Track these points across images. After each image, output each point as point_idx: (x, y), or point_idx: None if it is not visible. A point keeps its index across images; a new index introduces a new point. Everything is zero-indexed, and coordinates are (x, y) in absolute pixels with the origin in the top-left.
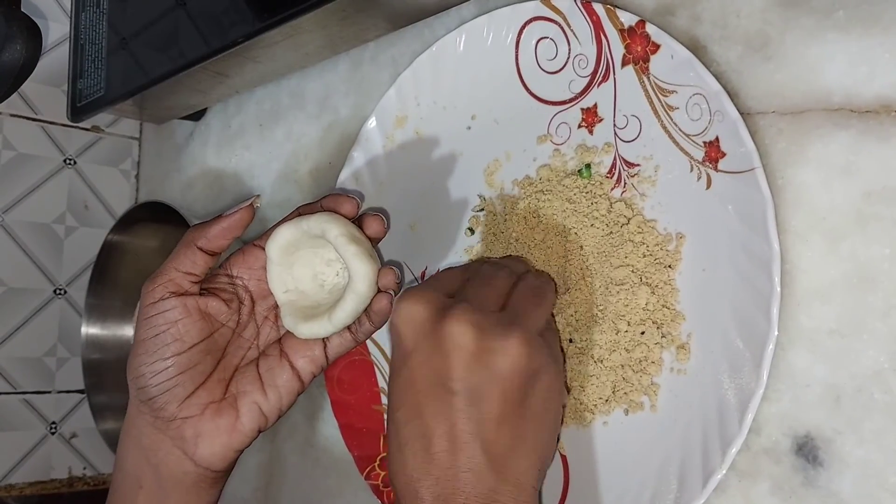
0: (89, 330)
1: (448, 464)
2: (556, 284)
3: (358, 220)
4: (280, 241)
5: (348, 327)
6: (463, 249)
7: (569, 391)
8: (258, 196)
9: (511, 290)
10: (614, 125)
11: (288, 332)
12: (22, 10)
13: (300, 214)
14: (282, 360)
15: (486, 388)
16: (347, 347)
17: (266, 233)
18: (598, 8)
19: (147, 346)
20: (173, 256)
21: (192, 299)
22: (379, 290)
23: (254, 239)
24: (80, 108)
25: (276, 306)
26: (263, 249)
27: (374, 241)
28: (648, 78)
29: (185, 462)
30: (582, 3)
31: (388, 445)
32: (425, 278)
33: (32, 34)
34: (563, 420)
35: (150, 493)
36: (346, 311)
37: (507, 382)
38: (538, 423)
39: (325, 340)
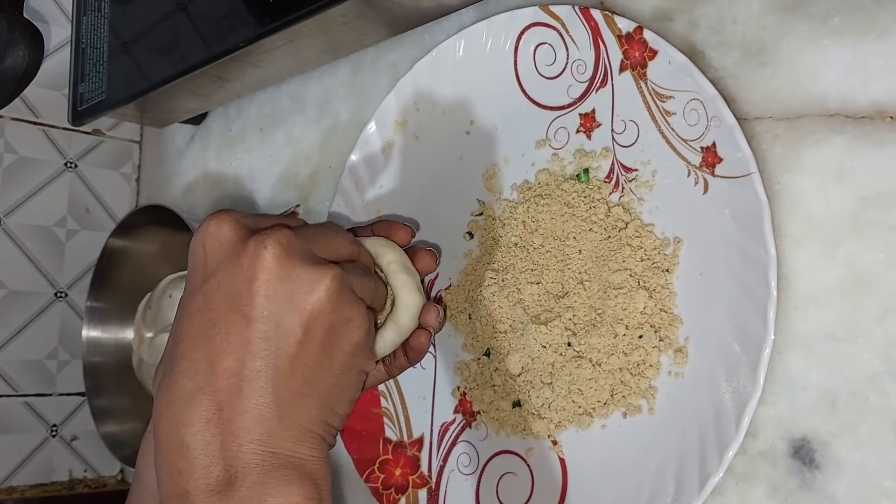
0: (90, 333)
1: (229, 401)
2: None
3: (408, 251)
4: None
5: (382, 359)
6: (462, 253)
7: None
8: (298, 205)
9: (347, 258)
10: (612, 130)
11: None
12: (24, 15)
13: None
14: None
15: (287, 321)
16: (379, 380)
17: None
18: (596, 14)
19: None
20: None
21: None
22: (419, 327)
23: None
24: (81, 112)
25: None
26: None
27: (422, 276)
28: (646, 83)
29: None
30: (580, 10)
31: (159, 384)
32: (423, 286)
33: (35, 40)
34: (362, 389)
35: None
36: (386, 341)
37: (311, 320)
38: (336, 377)
39: None
